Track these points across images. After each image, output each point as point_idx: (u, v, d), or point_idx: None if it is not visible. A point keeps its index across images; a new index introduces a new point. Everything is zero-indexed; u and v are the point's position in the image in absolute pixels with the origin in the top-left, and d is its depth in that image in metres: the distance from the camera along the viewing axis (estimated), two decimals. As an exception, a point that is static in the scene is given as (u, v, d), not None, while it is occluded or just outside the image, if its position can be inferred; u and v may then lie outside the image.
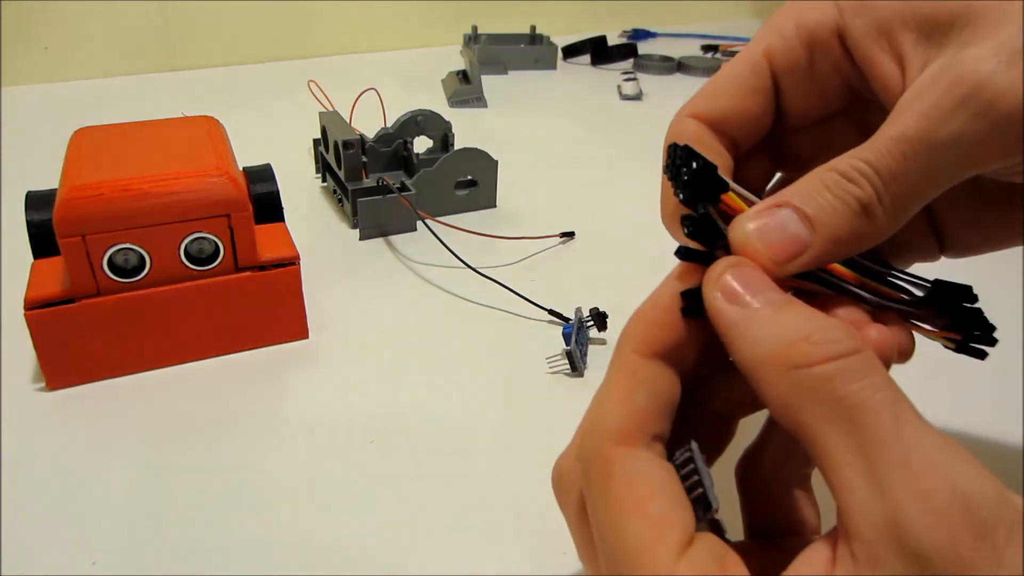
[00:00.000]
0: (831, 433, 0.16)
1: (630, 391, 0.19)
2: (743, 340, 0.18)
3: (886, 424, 0.16)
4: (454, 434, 0.34)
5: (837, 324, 0.17)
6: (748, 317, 0.18)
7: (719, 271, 0.19)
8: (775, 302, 0.18)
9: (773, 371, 0.17)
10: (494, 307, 0.44)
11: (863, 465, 0.16)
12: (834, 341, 0.17)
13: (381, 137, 0.55)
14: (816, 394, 0.16)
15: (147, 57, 0.87)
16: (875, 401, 0.16)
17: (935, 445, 0.15)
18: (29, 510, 0.30)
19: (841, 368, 0.16)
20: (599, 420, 0.19)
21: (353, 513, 0.30)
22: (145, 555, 0.28)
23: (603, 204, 0.58)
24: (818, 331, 0.17)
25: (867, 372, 0.16)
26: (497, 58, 0.92)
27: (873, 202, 0.19)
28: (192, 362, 0.38)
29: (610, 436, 0.19)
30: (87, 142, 0.37)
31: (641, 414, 0.19)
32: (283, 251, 0.38)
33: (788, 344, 0.17)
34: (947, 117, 0.19)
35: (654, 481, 0.18)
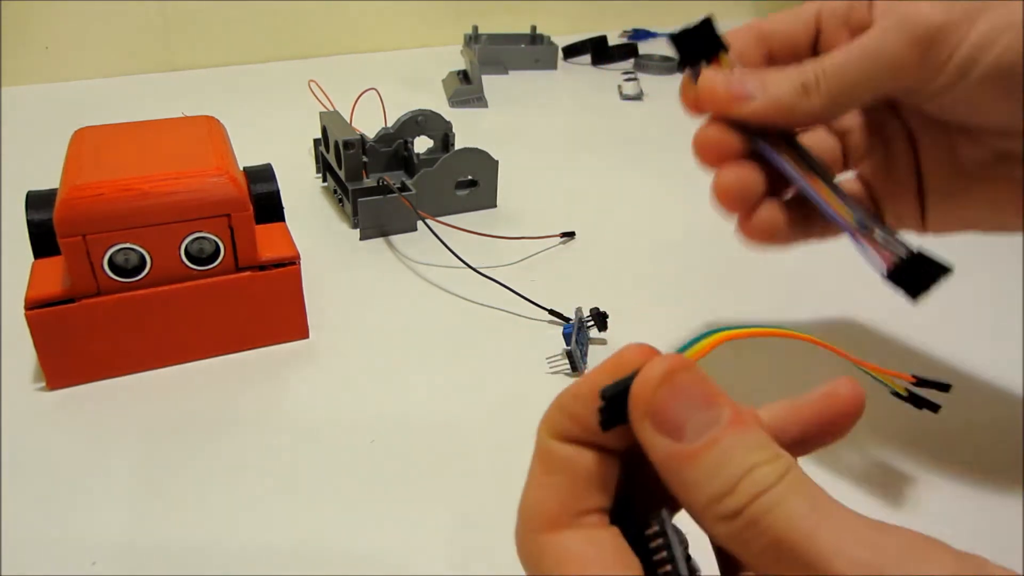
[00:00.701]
0: (770, 563, 0.17)
1: (546, 476, 0.19)
2: (677, 482, 0.18)
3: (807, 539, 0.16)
4: (454, 434, 0.34)
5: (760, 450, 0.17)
6: (681, 457, 0.18)
7: (651, 386, 0.18)
8: (708, 430, 0.18)
9: (708, 520, 0.17)
10: (494, 307, 0.44)
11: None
12: (757, 482, 0.17)
13: (381, 137, 0.55)
14: (746, 534, 0.17)
15: (147, 57, 0.87)
16: (793, 521, 0.16)
17: (861, 542, 0.16)
18: (29, 510, 0.30)
19: (763, 505, 0.17)
20: (523, 510, 0.20)
21: (353, 513, 0.30)
22: (145, 555, 0.28)
23: (603, 204, 0.58)
24: (746, 475, 0.17)
25: (785, 495, 0.17)
26: (497, 58, 0.92)
27: (811, 84, 0.27)
28: (192, 362, 0.38)
29: (534, 524, 0.19)
30: (87, 142, 0.37)
31: (561, 497, 0.19)
32: (283, 251, 0.38)
33: (716, 497, 0.17)
34: (880, 34, 0.27)
35: (585, 559, 0.18)
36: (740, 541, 0.17)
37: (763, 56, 0.30)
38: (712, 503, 0.17)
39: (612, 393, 0.18)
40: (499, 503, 0.31)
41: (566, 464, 0.19)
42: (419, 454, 0.33)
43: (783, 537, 0.16)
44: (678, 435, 0.18)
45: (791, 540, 0.16)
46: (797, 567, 0.16)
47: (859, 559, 0.15)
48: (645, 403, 0.18)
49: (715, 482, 0.17)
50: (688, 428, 0.18)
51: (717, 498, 0.17)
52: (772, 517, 0.16)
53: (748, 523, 0.17)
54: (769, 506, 0.17)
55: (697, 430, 0.17)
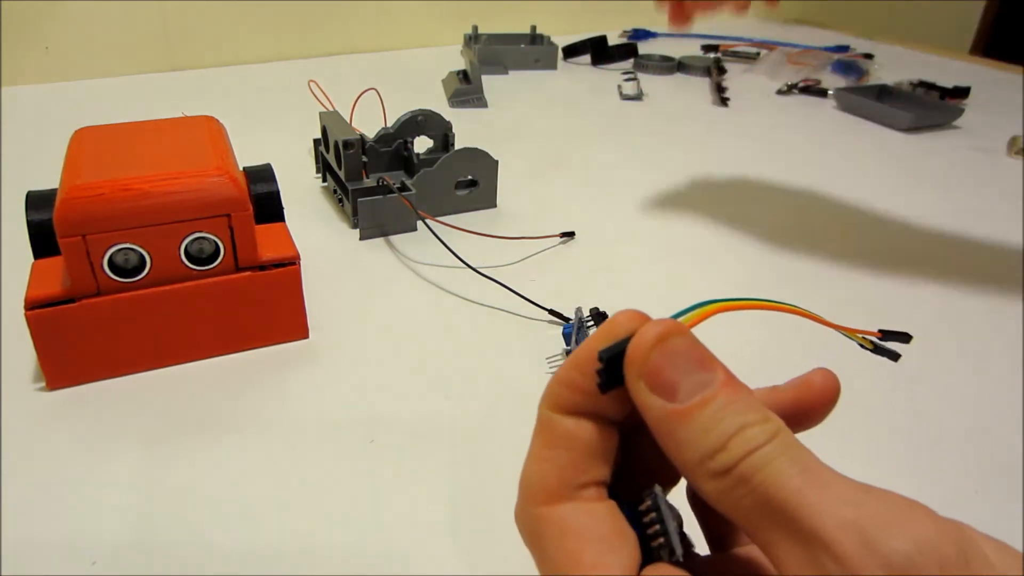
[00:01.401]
0: (758, 520, 0.17)
1: (547, 449, 0.20)
2: (670, 440, 0.18)
3: (796, 496, 0.16)
4: (454, 434, 0.34)
5: (752, 411, 0.18)
6: (674, 416, 0.18)
7: (643, 351, 0.18)
8: (700, 390, 0.18)
9: (699, 477, 0.18)
10: (494, 307, 0.44)
11: (790, 539, 0.16)
12: (750, 437, 0.17)
13: (381, 137, 0.55)
14: (736, 491, 0.17)
15: (147, 57, 0.87)
16: (783, 479, 0.17)
17: (848, 499, 0.16)
18: (29, 510, 0.30)
19: (753, 463, 0.17)
20: (523, 484, 0.20)
21: (353, 513, 0.30)
22: (145, 555, 0.28)
23: (603, 204, 0.58)
24: (736, 433, 0.18)
25: (775, 454, 0.17)
26: (497, 58, 0.92)
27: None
28: (192, 362, 0.38)
29: (534, 497, 0.19)
30: (87, 142, 0.37)
31: (561, 470, 0.19)
32: (283, 251, 0.38)
33: (709, 455, 0.18)
34: None
35: (583, 531, 0.19)
36: (730, 498, 0.17)
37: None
38: (704, 460, 0.17)
39: (609, 354, 0.19)
40: (499, 502, 0.31)
41: (566, 436, 0.20)
42: (419, 454, 0.33)
43: (772, 495, 0.17)
44: (671, 395, 0.18)
45: (779, 498, 0.17)
46: (784, 524, 0.16)
47: (844, 517, 0.16)
48: (640, 364, 0.18)
49: (707, 439, 0.17)
50: (681, 388, 0.18)
51: (709, 454, 0.17)
52: (762, 475, 0.17)
53: (738, 480, 0.17)
54: (759, 464, 0.17)
55: (690, 390, 0.18)
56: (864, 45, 1.10)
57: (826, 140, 0.74)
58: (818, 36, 1.16)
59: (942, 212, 0.59)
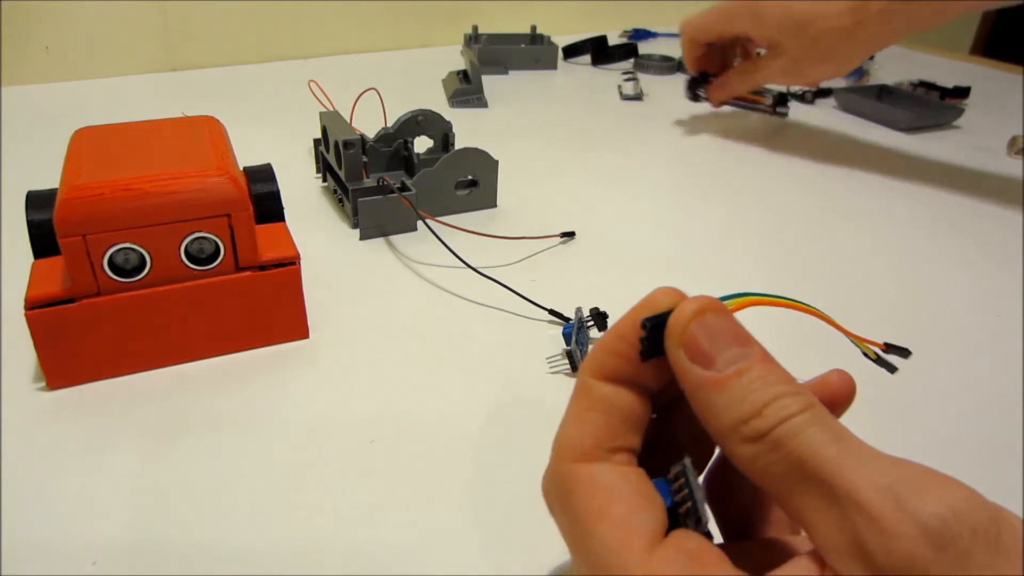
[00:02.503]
0: (790, 485, 0.18)
1: (585, 411, 0.21)
2: (706, 407, 0.19)
3: (832, 462, 0.17)
4: (454, 434, 0.34)
5: (786, 384, 0.19)
6: (709, 383, 0.19)
7: (683, 322, 0.20)
8: (735, 361, 0.19)
9: (732, 441, 0.19)
10: (494, 307, 0.44)
11: (823, 503, 0.17)
12: (784, 405, 0.18)
13: (381, 137, 0.55)
14: (770, 456, 0.18)
15: (147, 57, 0.87)
16: (818, 446, 0.17)
17: (882, 468, 0.17)
18: (29, 510, 0.30)
19: (788, 429, 0.18)
20: (558, 443, 0.21)
21: (353, 513, 0.30)
22: (145, 555, 0.28)
23: (603, 204, 0.58)
24: (772, 401, 0.18)
25: (809, 423, 0.18)
26: (497, 58, 0.92)
27: None
28: (192, 362, 0.38)
29: (568, 456, 0.20)
30: (87, 142, 0.37)
31: (597, 432, 0.20)
32: (283, 251, 0.38)
33: (743, 419, 0.18)
34: None
35: (612, 489, 0.20)
36: (763, 463, 0.18)
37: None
38: (739, 425, 0.18)
39: (653, 323, 0.20)
40: (500, 502, 0.31)
41: (604, 401, 0.21)
42: (419, 454, 0.33)
43: (806, 460, 0.17)
44: (708, 364, 0.19)
45: (814, 463, 0.17)
46: (818, 489, 0.17)
47: (879, 482, 0.16)
48: (679, 334, 0.20)
49: (742, 406, 0.18)
50: (718, 359, 0.19)
51: (744, 420, 0.18)
52: (797, 441, 0.18)
53: (773, 445, 0.18)
54: (794, 431, 0.18)
55: (727, 361, 0.19)
56: (864, 45, 1.10)
57: (826, 140, 0.74)
58: (818, 36, 1.16)
59: (942, 211, 0.59)
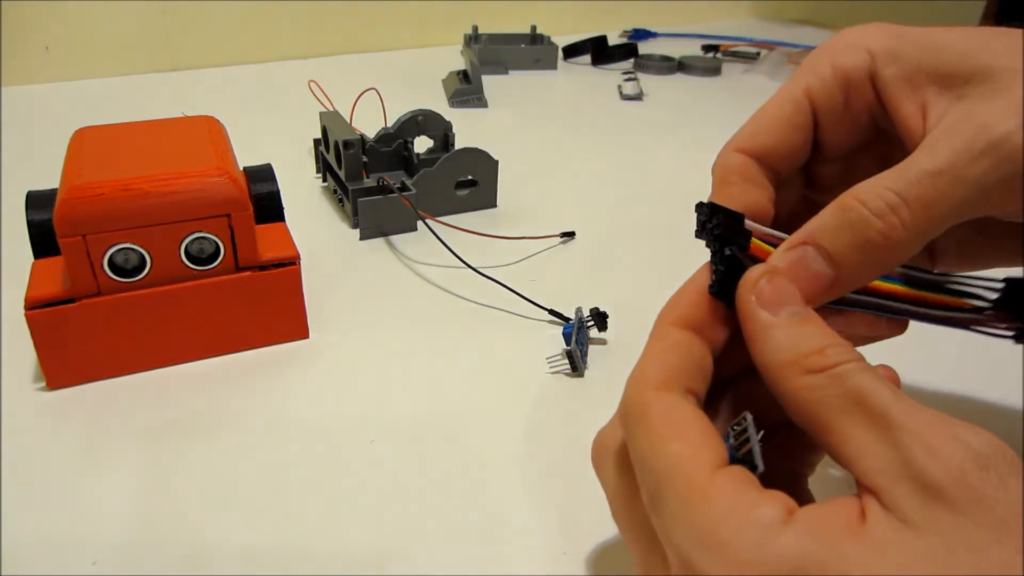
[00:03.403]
0: (843, 415, 0.19)
1: (662, 352, 0.22)
2: (766, 343, 0.21)
3: (889, 400, 0.19)
4: (454, 434, 0.34)
5: (844, 341, 0.21)
6: (774, 324, 0.21)
7: (755, 276, 0.22)
8: (799, 314, 0.21)
9: (790, 373, 0.20)
10: (494, 307, 0.44)
11: (875, 433, 0.18)
12: (843, 352, 0.20)
13: (381, 137, 0.55)
14: (828, 389, 0.19)
15: (147, 57, 0.87)
16: (877, 386, 0.19)
17: (931, 412, 0.19)
18: (29, 510, 0.30)
19: (847, 369, 0.20)
20: (636, 375, 0.22)
21: (353, 513, 0.30)
22: (145, 555, 0.28)
23: (603, 204, 0.58)
24: (830, 345, 0.20)
25: (866, 369, 0.20)
26: (497, 58, 0.92)
27: (897, 231, 0.21)
28: (192, 362, 0.38)
29: (647, 383, 0.22)
30: (87, 142, 0.37)
31: (673, 369, 0.22)
32: (283, 251, 0.38)
33: (804, 354, 0.20)
34: (974, 159, 0.21)
35: (688, 415, 0.21)
36: (820, 394, 0.19)
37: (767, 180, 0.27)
38: (799, 358, 0.20)
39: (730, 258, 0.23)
40: (500, 502, 0.31)
41: (680, 344, 0.23)
42: (419, 454, 0.33)
43: (866, 396, 0.19)
44: (775, 311, 0.21)
45: (873, 400, 0.19)
46: (873, 420, 0.19)
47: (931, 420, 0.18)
48: (751, 283, 0.22)
49: (804, 343, 0.20)
50: (783, 309, 0.21)
51: (805, 355, 0.20)
52: (856, 380, 0.19)
53: (833, 378, 0.19)
54: (853, 372, 0.19)
55: (790, 312, 0.21)
56: (864, 45, 1.10)
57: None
58: (818, 36, 1.16)
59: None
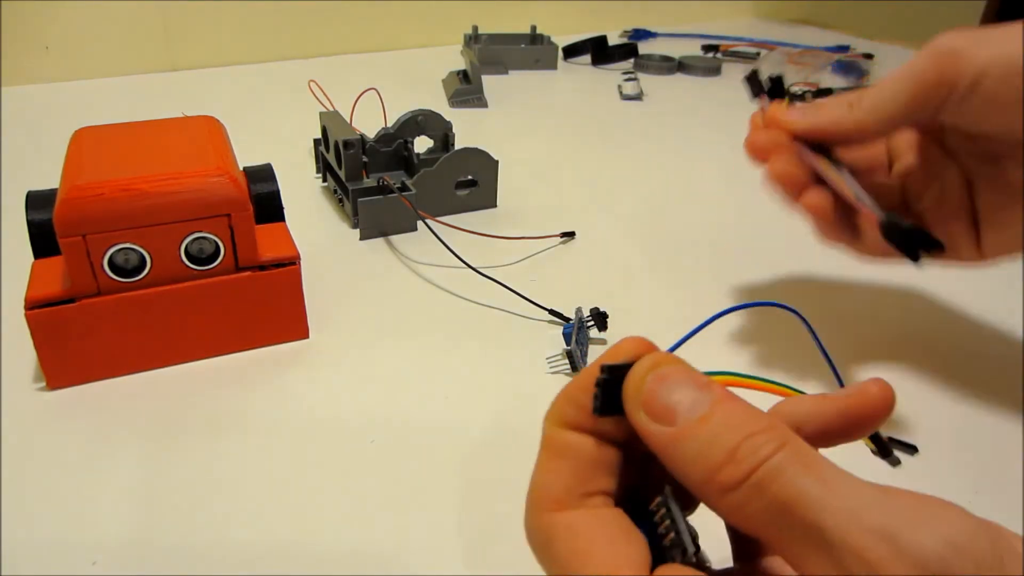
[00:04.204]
0: (776, 529, 0.17)
1: (551, 461, 0.20)
2: (677, 463, 0.18)
3: (818, 504, 0.16)
4: (454, 434, 0.34)
5: (754, 422, 0.18)
6: (676, 437, 0.18)
7: (637, 379, 0.19)
8: (698, 410, 0.18)
9: (712, 494, 0.18)
10: (494, 307, 0.44)
11: (811, 547, 0.16)
12: (756, 450, 0.17)
13: (381, 137, 0.55)
14: (752, 504, 0.17)
15: (147, 57, 0.87)
16: (803, 487, 0.16)
17: (871, 505, 0.16)
18: (29, 510, 0.30)
19: (768, 472, 0.17)
20: (531, 494, 0.21)
21: (353, 513, 0.30)
22: (145, 555, 0.28)
23: (603, 204, 0.58)
24: (744, 441, 0.17)
25: (788, 462, 0.17)
26: (497, 58, 0.92)
27: (853, 101, 0.33)
28: (192, 362, 0.38)
29: (542, 505, 0.20)
30: (87, 142, 0.37)
31: (566, 480, 0.20)
32: (283, 251, 0.38)
33: (716, 467, 0.17)
34: (911, 60, 0.32)
35: (591, 531, 0.19)
36: (745, 512, 0.17)
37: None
38: (712, 475, 0.17)
39: (605, 378, 0.19)
40: (499, 502, 0.31)
41: (569, 450, 0.20)
42: (419, 454, 0.33)
43: (792, 505, 0.16)
44: (671, 420, 0.18)
45: (801, 508, 0.16)
46: (806, 534, 0.16)
47: (871, 523, 0.15)
48: (636, 393, 0.19)
49: (712, 454, 0.18)
50: (679, 412, 0.18)
51: (716, 468, 0.17)
52: (779, 485, 0.17)
53: (753, 491, 0.17)
54: (774, 473, 0.17)
55: (688, 411, 0.18)
56: (864, 45, 1.10)
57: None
58: (818, 36, 1.16)
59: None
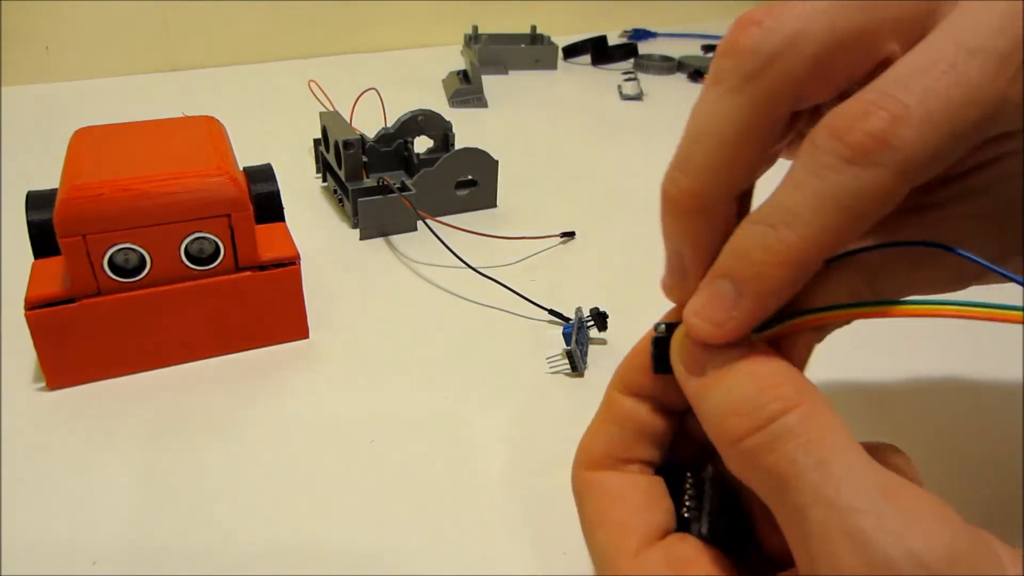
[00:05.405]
0: (768, 499, 0.17)
1: (602, 423, 0.22)
2: (700, 416, 0.19)
3: (810, 488, 0.16)
4: (454, 434, 0.34)
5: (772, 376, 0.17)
6: (701, 390, 0.19)
7: (679, 339, 0.20)
8: (722, 365, 0.18)
9: (721, 446, 0.18)
10: (494, 307, 0.44)
11: (795, 533, 0.16)
12: (757, 408, 0.17)
13: (381, 137, 0.55)
14: (749, 465, 0.17)
15: (147, 57, 0.87)
16: (798, 468, 0.16)
17: (861, 508, 0.15)
18: (29, 510, 0.30)
19: (764, 439, 0.16)
20: (578, 450, 0.22)
21: (353, 513, 0.30)
22: (145, 555, 0.28)
23: (603, 204, 0.58)
24: (745, 401, 0.17)
25: (792, 434, 0.16)
26: (497, 58, 0.92)
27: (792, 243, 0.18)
28: (192, 362, 0.38)
29: (582, 462, 0.22)
30: (87, 142, 0.37)
31: (609, 443, 0.21)
32: (283, 251, 0.38)
33: (722, 420, 0.18)
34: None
35: (616, 495, 0.21)
36: (744, 472, 0.17)
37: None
38: (720, 422, 0.18)
39: (660, 336, 0.21)
40: (499, 502, 0.31)
41: (621, 414, 0.22)
42: (419, 454, 0.33)
43: (784, 483, 0.16)
44: (700, 372, 0.19)
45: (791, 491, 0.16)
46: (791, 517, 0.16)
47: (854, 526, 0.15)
48: (679, 344, 0.20)
49: (725, 401, 0.18)
50: (709, 365, 0.19)
51: (723, 416, 0.18)
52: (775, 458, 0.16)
53: (750, 454, 0.17)
54: (773, 442, 0.16)
55: (717, 365, 0.19)
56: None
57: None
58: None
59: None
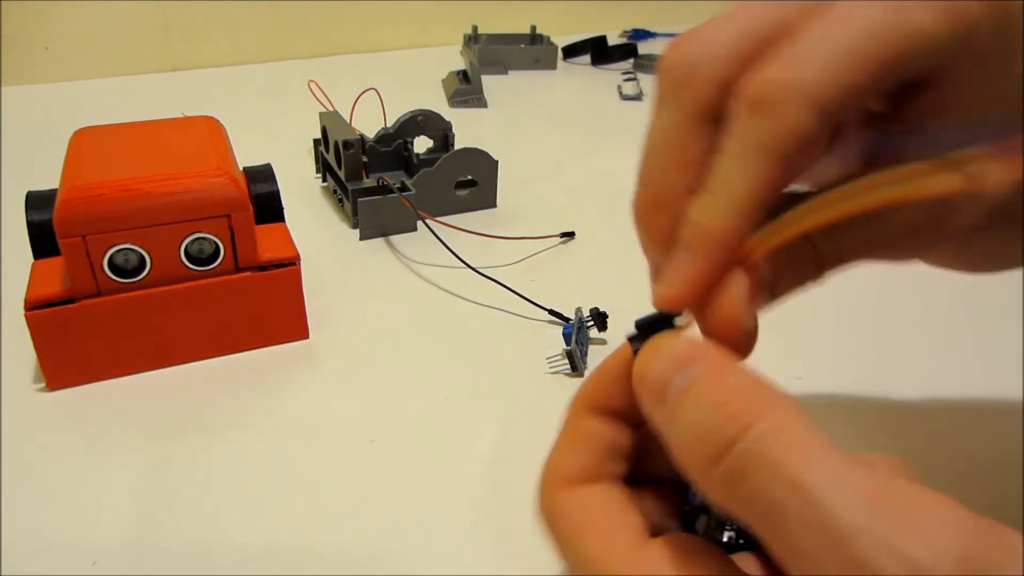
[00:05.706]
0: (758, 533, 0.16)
1: (569, 443, 0.21)
2: (669, 447, 0.18)
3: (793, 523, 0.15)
4: (454, 434, 0.34)
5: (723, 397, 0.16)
6: (666, 420, 0.18)
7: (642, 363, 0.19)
8: (682, 387, 0.17)
9: (694, 482, 0.17)
10: (494, 307, 0.44)
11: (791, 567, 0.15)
12: (714, 431, 0.16)
13: (381, 137, 0.55)
14: (726, 500, 0.16)
15: (147, 57, 0.87)
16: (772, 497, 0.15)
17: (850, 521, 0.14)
18: (29, 510, 0.30)
19: (729, 468, 0.16)
20: (544, 471, 0.21)
21: (353, 513, 0.30)
22: (145, 555, 0.28)
23: (603, 204, 0.58)
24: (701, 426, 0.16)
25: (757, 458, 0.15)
26: (497, 58, 0.92)
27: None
28: (192, 362, 0.38)
29: (551, 484, 0.21)
30: (87, 142, 0.37)
31: (578, 463, 0.21)
32: (283, 251, 0.38)
33: (683, 451, 0.17)
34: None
35: (592, 505, 0.20)
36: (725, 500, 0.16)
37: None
38: (688, 453, 0.17)
39: (635, 335, 0.20)
40: (499, 502, 0.31)
41: (587, 434, 0.21)
42: (419, 454, 0.33)
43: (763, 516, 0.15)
44: (661, 398, 0.18)
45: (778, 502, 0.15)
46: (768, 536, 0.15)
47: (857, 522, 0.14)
48: (641, 374, 0.19)
49: (690, 429, 0.17)
50: (669, 389, 0.18)
51: (691, 445, 0.17)
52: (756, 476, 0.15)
53: (728, 478, 0.16)
54: (741, 470, 0.15)
55: (676, 388, 0.17)
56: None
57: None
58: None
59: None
